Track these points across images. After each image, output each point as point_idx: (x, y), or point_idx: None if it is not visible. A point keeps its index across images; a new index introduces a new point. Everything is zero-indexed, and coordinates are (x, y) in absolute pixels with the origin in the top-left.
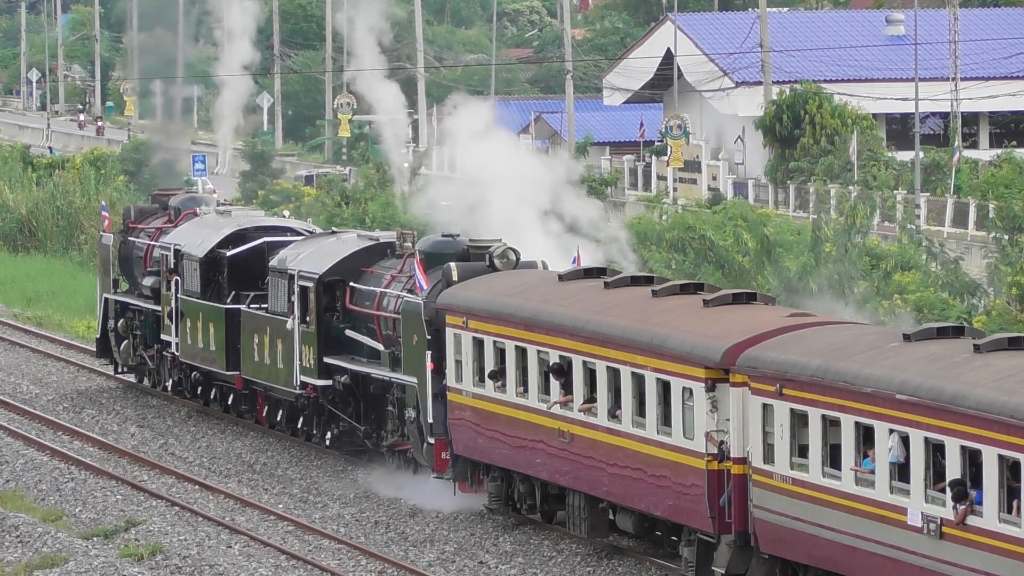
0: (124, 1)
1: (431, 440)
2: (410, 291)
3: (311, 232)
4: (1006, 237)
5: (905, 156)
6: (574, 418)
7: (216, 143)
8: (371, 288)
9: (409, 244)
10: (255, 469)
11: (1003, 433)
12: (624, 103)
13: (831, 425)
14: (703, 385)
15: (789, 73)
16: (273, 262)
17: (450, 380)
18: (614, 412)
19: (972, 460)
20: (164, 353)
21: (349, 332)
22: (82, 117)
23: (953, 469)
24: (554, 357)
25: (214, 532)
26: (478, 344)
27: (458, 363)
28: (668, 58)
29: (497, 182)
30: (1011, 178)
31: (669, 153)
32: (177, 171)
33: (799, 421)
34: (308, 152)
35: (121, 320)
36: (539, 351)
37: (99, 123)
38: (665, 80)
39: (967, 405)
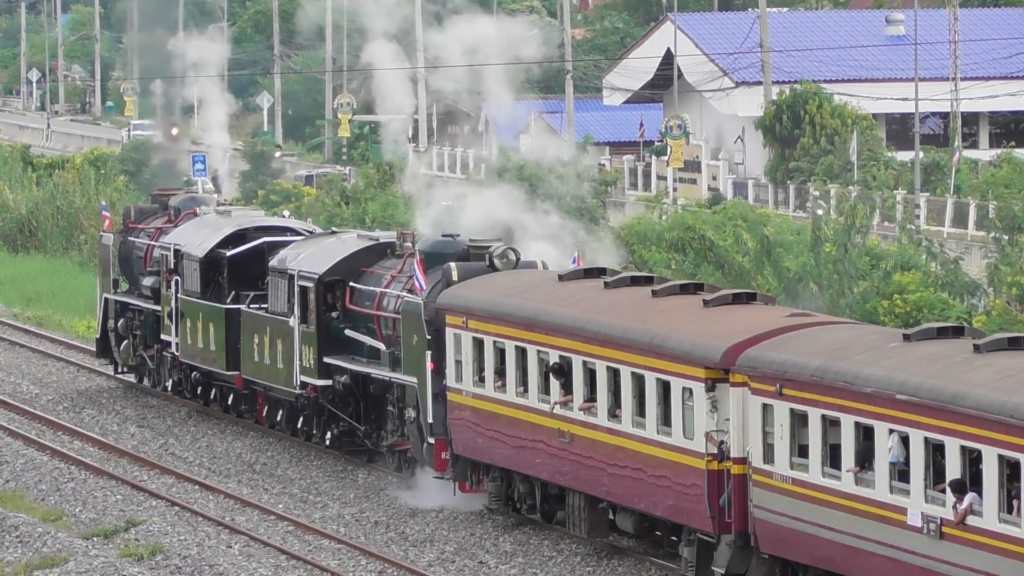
0: (124, 1)
1: (431, 440)
2: (410, 291)
3: (311, 232)
4: (1006, 237)
5: (905, 156)
6: (574, 418)
7: (209, 143)
8: (371, 288)
9: (409, 244)
10: (255, 469)
11: (1003, 433)
12: (624, 103)
13: (831, 425)
14: (703, 385)
15: (789, 73)
16: (273, 262)
17: (450, 380)
18: (614, 412)
19: (972, 460)
20: (164, 353)
21: (349, 332)
22: (175, 131)
23: (953, 469)
24: (554, 357)
25: (214, 532)
26: (478, 344)
27: (458, 363)
28: (668, 58)
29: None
30: (1011, 178)
31: (669, 153)
32: (177, 171)
33: (799, 421)
34: (308, 152)
35: (121, 320)
36: (539, 351)
37: (174, 131)
38: (665, 80)
39: (967, 405)
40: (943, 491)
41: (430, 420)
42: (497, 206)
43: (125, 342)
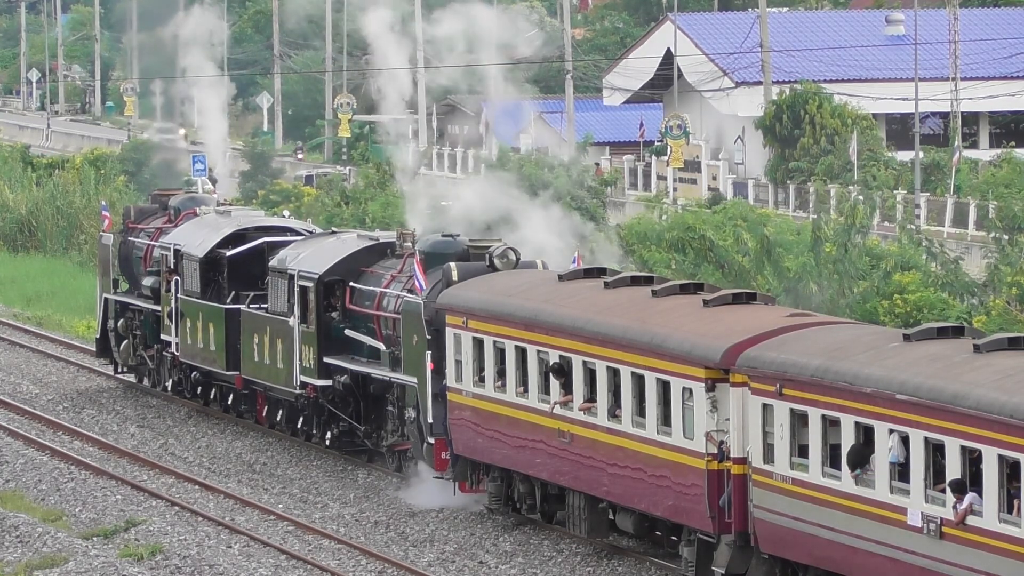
0: (124, 1)
1: (431, 440)
2: (410, 291)
3: (311, 232)
4: (1006, 237)
5: (905, 156)
6: (574, 418)
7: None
8: (371, 288)
9: (409, 244)
10: (255, 469)
11: (1003, 433)
12: (624, 103)
13: (831, 425)
14: (703, 385)
15: (789, 73)
16: (273, 262)
17: (450, 380)
18: (614, 412)
19: (972, 460)
20: (164, 353)
21: (349, 332)
22: (300, 156)
23: (953, 469)
24: (554, 357)
25: (214, 532)
26: (478, 344)
27: (458, 363)
28: (668, 58)
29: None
30: (1011, 178)
31: (669, 153)
32: (177, 171)
33: (799, 421)
34: (308, 152)
35: (121, 320)
36: (539, 351)
37: (299, 155)
38: (665, 80)
39: (967, 405)
40: (943, 491)
41: (430, 420)
42: (496, 197)
43: (125, 342)
